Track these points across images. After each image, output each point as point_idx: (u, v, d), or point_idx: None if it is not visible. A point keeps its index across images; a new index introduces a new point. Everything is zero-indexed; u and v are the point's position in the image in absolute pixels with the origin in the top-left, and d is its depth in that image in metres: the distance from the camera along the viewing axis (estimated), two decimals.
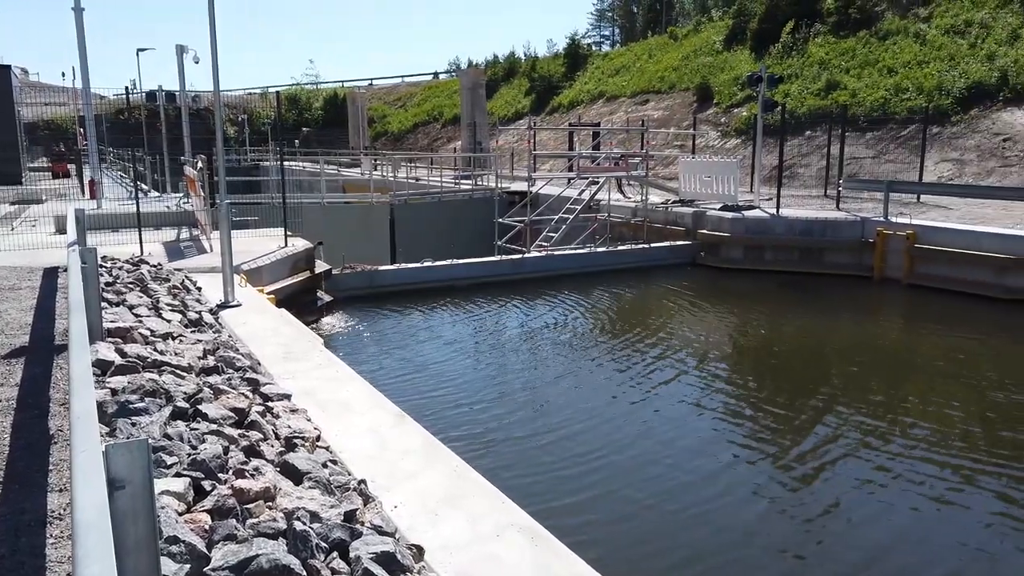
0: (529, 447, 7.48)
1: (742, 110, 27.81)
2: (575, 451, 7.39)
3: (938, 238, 14.18)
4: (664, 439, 7.85)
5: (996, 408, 8.60)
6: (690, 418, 8.45)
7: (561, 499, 6.36)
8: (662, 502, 6.40)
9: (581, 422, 8.18)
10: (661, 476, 6.93)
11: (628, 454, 7.38)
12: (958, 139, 20.74)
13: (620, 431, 7.97)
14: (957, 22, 24.73)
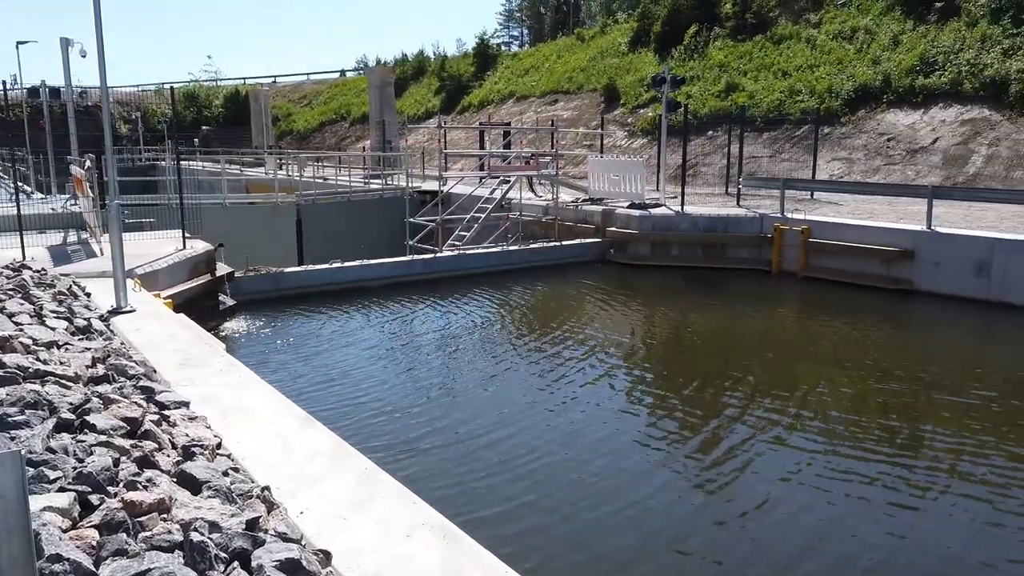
0: (446, 449, 7.40)
1: (647, 111, 28.54)
2: (492, 451, 7.36)
3: (830, 233, 14.95)
4: (581, 436, 7.91)
5: (890, 392, 9.11)
6: (607, 416, 8.55)
7: (478, 500, 6.32)
8: (582, 502, 6.44)
9: (498, 421, 8.16)
10: (581, 476, 6.98)
11: (546, 452, 7.41)
12: (847, 139, 21.94)
13: (537, 429, 8.00)
14: (844, 28, 26.17)
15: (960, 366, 10.23)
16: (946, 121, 20.38)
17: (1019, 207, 15.26)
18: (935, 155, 19.66)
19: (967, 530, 5.98)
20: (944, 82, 20.91)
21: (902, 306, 13.16)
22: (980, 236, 12.96)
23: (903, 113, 21.49)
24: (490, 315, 13.26)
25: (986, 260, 12.68)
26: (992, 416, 8.20)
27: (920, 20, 23.96)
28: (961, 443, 7.53)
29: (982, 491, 6.55)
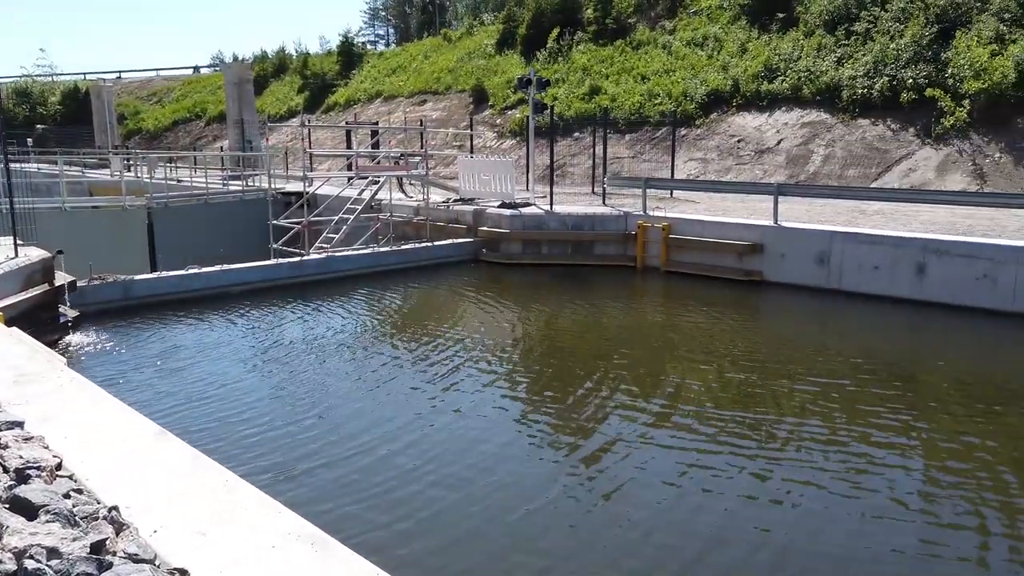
0: (325, 467, 7.13)
1: (515, 112, 28.94)
2: (370, 462, 7.17)
3: (689, 229, 15.73)
4: (462, 441, 7.86)
5: (748, 379, 9.67)
6: (489, 420, 8.54)
7: (359, 516, 6.13)
8: (465, 507, 6.38)
9: (373, 426, 7.96)
10: (461, 480, 6.92)
11: (421, 454, 7.30)
12: (702, 140, 23.20)
13: (412, 433, 7.87)
14: (697, 36, 27.66)
15: (809, 351, 11.02)
16: (788, 124, 21.98)
17: (853, 202, 16.69)
18: (780, 155, 21.15)
19: (837, 517, 6.42)
20: (786, 87, 22.53)
21: (754, 296, 14.04)
22: (820, 229, 14.04)
23: (751, 116, 22.98)
24: (364, 319, 12.95)
25: (826, 251, 13.77)
26: (843, 398, 8.88)
27: (764, 29, 25.71)
28: (822, 427, 8.10)
29: (843, 474, 7.06)
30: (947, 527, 5.93)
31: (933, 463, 7.07)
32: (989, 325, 11.66)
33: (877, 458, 7.12)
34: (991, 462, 7.06)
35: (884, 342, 11.43)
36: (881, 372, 9.78)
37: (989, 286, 12.02)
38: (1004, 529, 5.91)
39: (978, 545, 5.72)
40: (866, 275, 13.31)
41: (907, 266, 12.83)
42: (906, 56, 20.30)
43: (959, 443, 7.49)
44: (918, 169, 18.59)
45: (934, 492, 6.52)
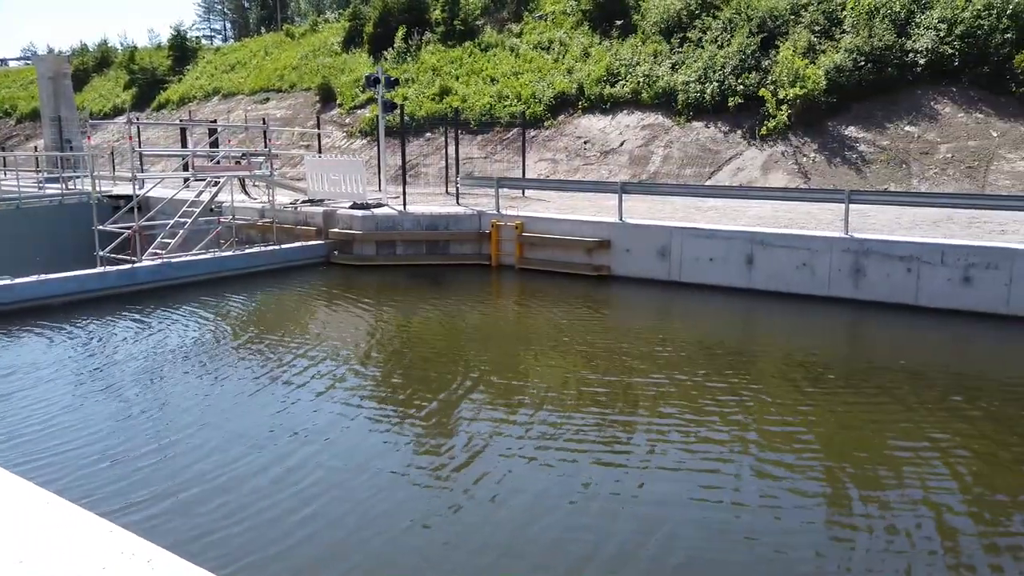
0: (159, 481, 6.60)
1: (365, 111, 28.39)
2: (219, 478, 6.72)
3: (541, 227, 16.08)
4: (314, 453, 7.55)
5: (602, 368, 9.99)
6: (341, 426, 8.26)
7: (200, 531, 5.72)
8: (321, 525, 6.13)
9: (224, 446, 7.48)
10: (313, 496, 6.64)
11: (274, 472, 6.95)
12: (551, 141, 23.82)
13: (264, 451, 7.48)
14: (543, 39, 28.37)
15: (656, 339, 11.56)
16: (630, 126, 23.04)
17: (690, 199, 17.74)
18: (623, 156, 22.12)
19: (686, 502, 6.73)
20: (627, 91, 23.60)
21: (603, 290, 14.58)
22: (661, 225, 14.80)
23: (596, 118, 23.87)
24: (207, 329, 12.17)
25: (666, 246, 14.53)
26: (689, 381, 9.38)
27: (604, 35, 26.80)
28: (672, 410, 8.50)
29: (692, 452, 7.43)
30: (796, 493, 6.41)
31: (775, 438, 7.62)
32: (809, 309, 12.76)
33: (722, 437, 7.58)
34: (823, 432, 7.71)
35: (721, 328, 12.23)
36: (721, 356, 10.45)
37: (808, 274, 13.17)
38: (841, 489, 6.47)
39: (823, 503, 6.22)
40: (703, 267, 14.19)
41: (738, 258, 13.80)
42: (732, 63, 21.86)
43: (794, 414, 8.13)
44: (746, 168, 20.08)
45: (775, 462, 7.02)
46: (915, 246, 12.27)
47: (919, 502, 6.20)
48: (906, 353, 10.57)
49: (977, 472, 6.76)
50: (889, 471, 6.78)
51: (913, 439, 7.47)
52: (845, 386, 9.08)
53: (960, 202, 13.81)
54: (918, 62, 19.71)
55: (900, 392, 8.79)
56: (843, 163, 19.03)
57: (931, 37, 19.61)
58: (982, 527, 5.85)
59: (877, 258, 12.54)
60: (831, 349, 11.06)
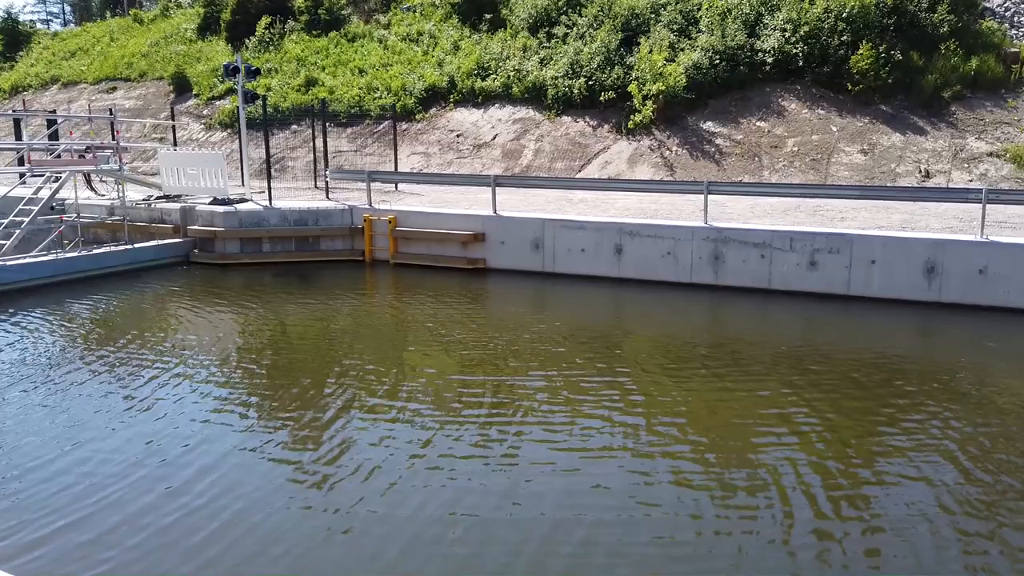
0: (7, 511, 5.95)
1: (225, 102, 26.98)
2: (57, 500, 6.14)
3: (415, 221, 15.87)
4: (178, 468, 7.06)
5: (481, 361, 9.96)
6: (206, 438, 7.78)
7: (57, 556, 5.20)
8: (193, 544, 5.73)
9: (76, 468, 6.85)
10: (186, 511, 6.22)
11: (135, 490, 6.44)
12: (423, 134, 23.56)
13: (123, 470, 6.92)
14: (411, 31, 27.98)
15: (532, 330, 11.67)
16: (502, 120, 23.17)
17: (562, 192, 18.07)
18: (496, 149, 22.22)
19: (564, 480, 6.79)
20: (498, 85, 23.71)
21: (479, 283, 14.59)
22: (534, 217, 14.98)
23: (468, 112, 23.84)
24: (51, 338, 11.13)
25: (540, 237, 14.73)
26: (564, 368, 9.51)
27: (474, 29, 26.79)
28: (550, 396, 8.57)
29: (571, 437, 7.53)
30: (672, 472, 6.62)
31: (652, 420, 7.86)
32: (674, 296, 13.31)
33: (600, 423, 7.74)
34: (695, 410, 8.04)
35: (595, 317, 12.53)
36: (595, 344, 10.70)
37: (672, 262, 13.74)
38: (709, 459, 6.75)
39: (703, 479, 6.47)
40: (575, 258, 14.49)
41: (607, 248, 14.19)
42: (598, 59, 22.43)
43: (667, 396, 8.43)
44: (614, 161, 20.68)
45: (653, 443, 7.24)
46: (767, 233, 13.06)
47: (785, 460, 6.58)
48: (763, 333, 11.24)
49: (830, 429, 7.27)
50: (759, 438, 7.16)
51: (776, 408, 7.93)
52: (711, 366, 9.52)
53: (806, 192, 14.83)
54: (767, 61, 20.99)
55: (761, 368, 9.33)
56: (703, 156, 20.00)
57: (777, 38, 20.94)
58: (839, 475, 6.29)
59: (734, 245, 13.25)
60: (697, 333, 11.59)
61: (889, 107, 19.84)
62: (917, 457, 6.93)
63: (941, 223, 13.41)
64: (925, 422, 7.74)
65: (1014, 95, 19.40)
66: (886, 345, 10.55)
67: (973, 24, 21.07)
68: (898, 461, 6.86)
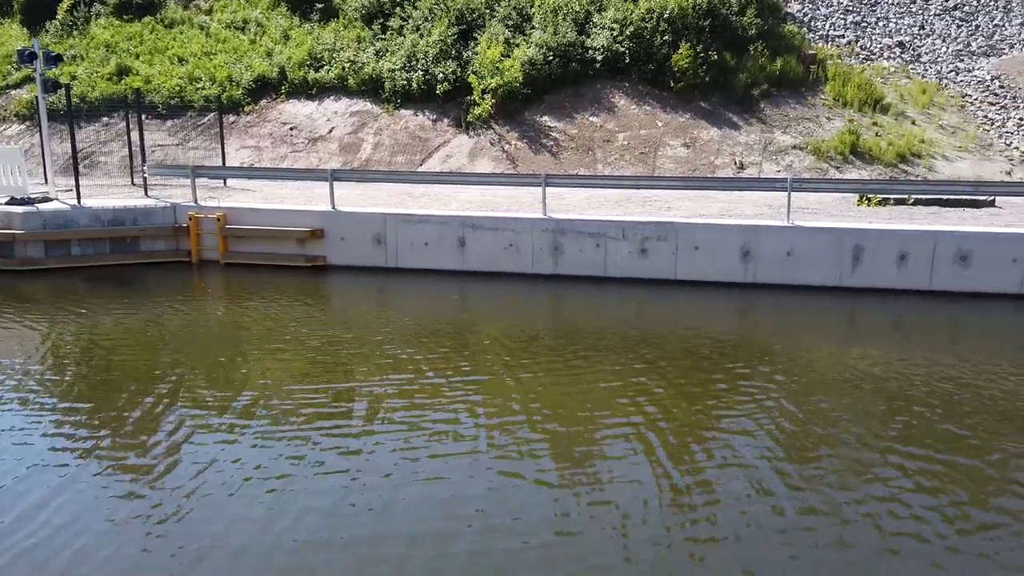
0: None
1: (22, 92, 24.25)
2: None
3: (247, 218, 15.04)
4: None
5: (325, 363, 9.57)
6: (16, 462, 6.92)
7: None
8: None
9: None
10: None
11: None
12: (253, 127, 22.39)
13: None
14: (236, 19, 26.47)
15: (377, 328, 11.41)
16: (338, 112, 22.50)
17: (404, 186, 17.83)
18: (333, 143, 21.55)
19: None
20: (332, 77, 22.97)
21: (319, 281, 14.09)
22: (375, 212, 14.66)
23: (301, 104, 22.93)
24: None
25: (382, 232, 14.44)
26: (412, 365, 9.36)
27: (305, 18, 25.79)
28: (401, 398, 8.38)
29: (421, 432, 7.38)
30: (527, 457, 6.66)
31: (503, 414, 7.90)
32: (517, 287, 13.53)
33: (452, 416, 7.68)
34: (541, 393, 8.17)
35: (440, 312, 12.46)
36: (442, 338, 10.63)
37: (515, 253, 13.96)
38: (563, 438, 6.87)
39: (554, 468, 6.55)
40: (418, 252, 14.35)
41: (451, 241, 14.17)
42: (435, 52, 22.34)
43: (518, 390, 8.51)
44: (454, 155, 20.70)
45: (504, 432, 7.28)
46: (602, 224, 13.58)
47: (635, 447, 6.85)
48: (602, 320, 11.68)
49: (666, 404, 7.67)
50: (607, 428, 7.40)
51: (624, 397, 8.25)
52: (557, 356, 9.75)
53: (636, 183, 15.57)
54: (596, 58, 21.83)
55: (603, 354, 9.67)
56: (542, 150, 20.48)
57: (606, 36, 21.82)
58: (685, 456, 6.63)
59: (572, 236, 13.67)
60: (541, 323, 11.83)
61: (707, 104, 21.27)
62: (751, 430, 7.46)
63: (754, 210, 14.55)
64: (753, 397, 8.35)
65: (812, 93, 21.44)
66: (712, 325, 11.30)
67: (777, 27, 23.05)
68: (736, 438, 7.35)
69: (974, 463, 6.74)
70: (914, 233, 12.50)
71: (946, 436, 7.27)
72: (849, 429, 7.46)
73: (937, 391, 8.40)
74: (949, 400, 8.17)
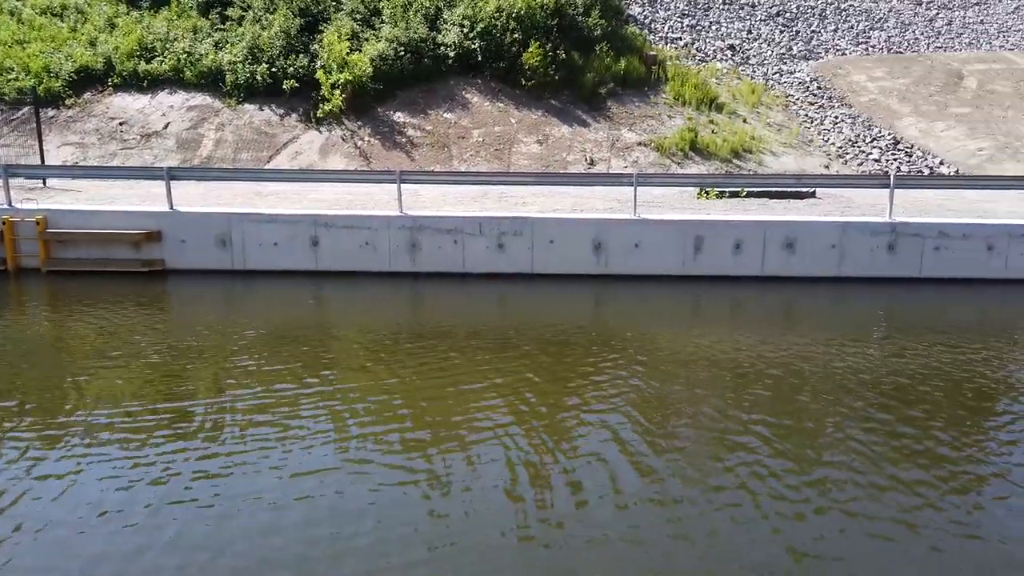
0: None
1: None
2: None
3: (72, 221, 13.76)
4: None
5: (168, 375, 8.88)
6: None
7: None
8: None
9: None
10: None
11: None
12: (76, 123, 20.51)
13: None
14: (54, 4, 24.13)
15: (222, 333, 10.75)
16: (174, 107, 21.07)
17: (251, 184, 16.97)
18: (169, 139, 20.15)
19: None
20: (166, 69, 21.47)
21: (158, 287, 13.12)
22: (219, 212, 13.85)
23: (132, 97, 21.27)
24: None
25: (227, 233, 13.67)
26: (263, 372, 8.87)
27: (132, 5, 23.95)
28: (251, 406, 7.89)
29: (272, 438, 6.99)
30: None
31: (369, 422, 7.64)
32: (373, 286, 13.24)
33: (312, 423, 7.35)
34: (407, 396, 7.99)
35: (293, 314, 11.95)
36: (298, 343, 10.17)
37: (371, 252, 13.66)
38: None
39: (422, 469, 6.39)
40: (268, 253, 13.71)
41: (303, 241, 13.65)
42: (279, 45, 21.42)
43: (381, 393, 8.27)
44: (305, 152, 19.97)
45: (370, 436, 7.04)
46: (459, 220, 13.56)
47: (503, 443, 6.83)
48: (462, 316, 11.66)
49: (534, 398, 7.74)
50: (476, 426, 7.34)
51: (485, 382, 8.23)
52: (420, 352, 9.60)
53: (491, 179, 15.68)
54: (448, 55, 21.79)
55: (466, 351, 9.63)
56: (396, 146, 20.18)
57: (457, 33, 21.83)
58: (556, 448, 6.70)
59: (429, 232, 13.56)
60: (401, 322, 11.63)
61: (558, 101, 21.82)
62: (621, 413, 7.68)
63: (604, 205, 15.07)
64: (611, 384, 8.61)
65: (655, 92, 22.53)
66: (570, 317, 11.58)
67: (620, 29, 24.03)
68: (606, 423, 7.54)
69: (817, 425, 7.34)
70: (747, 223, 13.41)
71: (792, 403, 7.87)
72: (710, 403, 7.89)
73: (779, 365, 9.07)
74: (790, 372, 8.86)
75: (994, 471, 6.54)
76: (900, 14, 27.69)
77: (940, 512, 5.85)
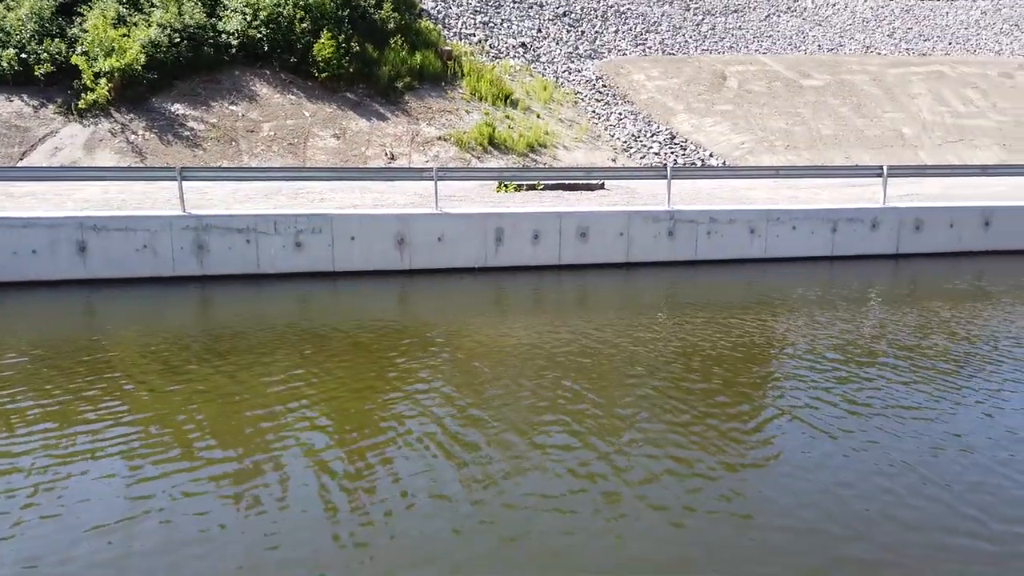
0: None
1: None
2: None
3: None
4: None
5: None
6: None
7: None
8: None
9: None
10: None
11: None
12: None
13: None
14: None
15: None
16: None
17: (1, 184, 14.88)
18: None
19: None
20: None
21: None
22: None
23: None
24: None
25: None
26: (42, 400, 7.75)
27: None
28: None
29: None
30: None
31: (161, 444, 6.88)
32: (155, 292, 12.12)
33: (98, 455, 6.51)
34: (198, 412, 7.31)
35: (62, 329, 10.60)
36: (69, 360, 9.01)
37: (151, 256, 12.48)
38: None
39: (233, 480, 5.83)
40: (25, 262, 12.09)
41: (68, 247, 12.19)
42: (31, 28, 18.96)
43: (172, 408, 7.51)
44: (66, 147, 17.83)
45: (170, 459, 6.35)
46: (251, 218, 12.79)
47: (307, 448, 6.45)
48: (259, 319, 10.98)
49: (340, 402, 7.42)
50: (277, 433, 6.88)
51: (285, 389, 7.76)
52: (213, 361, 8.88)
53: (285, 175, 14.97)
54: (231, 43, 20.48)
55: (264, 355, 9.05)
56: (177, 141, 18.62)
57: (239, 20, 20.56)
58: (365, 451, 6.43)
59: (218, 232, 12.65)
60: (190, 329, 10.70)
61: (354, 95, 21.29)
62: (429, 410, 7.56)
63: (406, 199, 14.94)
64: (425, 379, 8.49)
65: (452, 87, 22.70)
66: (375, 314, 11.32)
67: (414, 23, 23.92)
68: (415, 421, 7.37)
69: (624, 396, 7.72)
70: (544, 215, 13.91)
71: (601, 380, 8.21)
72: (523, 389, 8.01)
73: (584, 347, 9.46)
74: (595, 353, 9.26)
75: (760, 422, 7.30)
76: (671, 18, 30.11)
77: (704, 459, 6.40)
